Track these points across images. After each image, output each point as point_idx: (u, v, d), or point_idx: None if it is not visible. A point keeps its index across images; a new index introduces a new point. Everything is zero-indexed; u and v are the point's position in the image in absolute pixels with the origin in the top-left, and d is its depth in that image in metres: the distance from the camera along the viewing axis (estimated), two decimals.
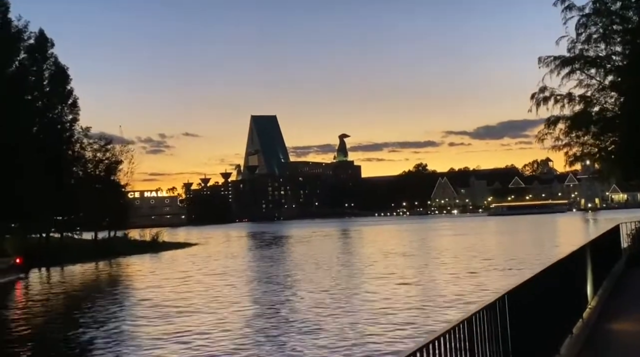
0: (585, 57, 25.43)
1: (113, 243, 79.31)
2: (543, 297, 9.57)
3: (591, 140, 26.25)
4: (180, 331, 23.25)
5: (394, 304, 26.27)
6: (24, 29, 60.27)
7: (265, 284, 37.39)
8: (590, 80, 25.66)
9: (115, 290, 39.51)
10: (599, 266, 18.30)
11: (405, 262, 48.84)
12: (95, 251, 72.29)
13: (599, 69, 25.65)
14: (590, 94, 25.57)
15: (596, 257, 17.55)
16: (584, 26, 25.22)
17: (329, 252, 62.94)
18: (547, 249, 55.61)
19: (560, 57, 25.40)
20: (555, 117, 25.80)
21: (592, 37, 25.22)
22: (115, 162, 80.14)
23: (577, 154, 26.03)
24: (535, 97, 25.79)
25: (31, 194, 55.71)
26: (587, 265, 15.21)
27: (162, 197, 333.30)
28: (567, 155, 26.08)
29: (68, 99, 68.16)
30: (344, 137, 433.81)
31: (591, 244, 16.59)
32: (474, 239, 79.29)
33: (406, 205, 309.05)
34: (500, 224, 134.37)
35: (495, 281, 32.87)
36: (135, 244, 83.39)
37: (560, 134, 25.93)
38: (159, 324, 25.05)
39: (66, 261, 63.01)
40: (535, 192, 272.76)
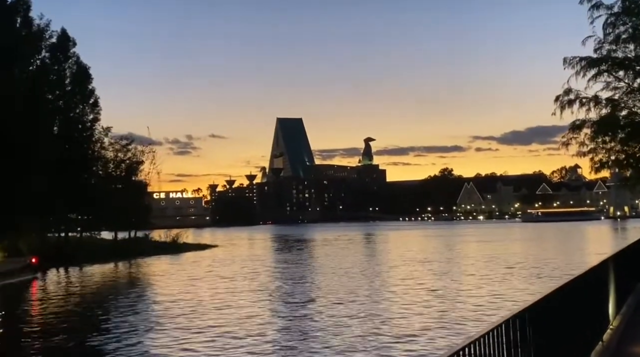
0: (613, 59, 24.04)
1: (133, 243, 79.12)
2: (559, 317, 8.62)
3: (618, 146, 24.84)
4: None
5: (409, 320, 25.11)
6: (45, 27, 60.35)
7: (280, 298, 36.27)
8: (618, 82, 24.27)
9: (130, 293, 38.74)
10: (624, 281, 17.06)
11: (428, 274, 47.57)
12: (114, 251, 72.07)
13: (627, 71, 24.25)
14: (618, 97, 24.19)
15: (620, 271, 16.32)
16: (612, 25, 23.85)
17: (352, 258, 61.71)
18: (574, 257, 54.03)
19: (586, 58, 24.03)
20: (581, 121, 24.44)
21: (621, 37, 23.84)
22: (136, 162, 80.00)
23: (602, 161, 24.60)
24: (559, 100, 24.46)
25: (48, 192, 55.63)
26: (610, 280, 14.00)
27: (187, 198, 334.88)
28: (592, 162, 24.69)
29: (89, 99, 68.11)
30: (369, 140, 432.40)
31: (615, 257, 15.37)
32: (500, 246, 77.61)
33: (431, 210, 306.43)
34: (529, 231, 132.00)
35: (513, 292, 31.65)
36: (156, 245, 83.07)
37: (585, 138, 24.58)
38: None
39: (85, 261, 62.73)
40: (563, 199, 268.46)
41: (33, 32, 58.55)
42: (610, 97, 24.01)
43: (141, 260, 68.82)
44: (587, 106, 24.29)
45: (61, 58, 64.77)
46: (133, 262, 67.00)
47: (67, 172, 60.50)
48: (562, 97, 24.52)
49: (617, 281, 15.37)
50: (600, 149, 24.57)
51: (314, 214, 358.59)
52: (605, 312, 13.10)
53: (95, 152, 70.49)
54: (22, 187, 51.18)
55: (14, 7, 56.99)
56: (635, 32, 23.80)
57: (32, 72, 59.11)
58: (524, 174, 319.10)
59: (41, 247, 58.29)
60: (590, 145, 24.44)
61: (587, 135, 24.43)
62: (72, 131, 65.42)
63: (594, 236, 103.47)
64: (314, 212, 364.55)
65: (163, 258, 70.97)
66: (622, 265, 16.84)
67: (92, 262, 63.73)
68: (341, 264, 54.49)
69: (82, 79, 67.06)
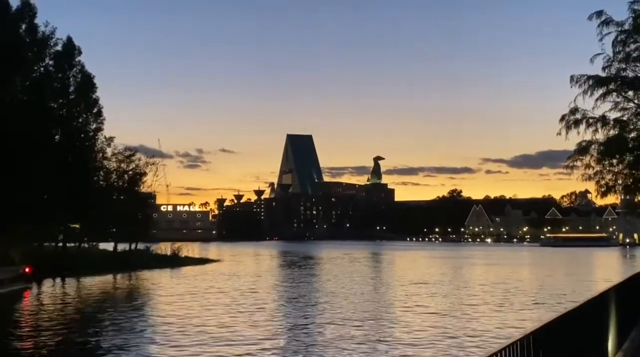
0: (623, 78, 22.92)
1: (133, 256, 78.06)
2: (552, 353, 7.62)
3: (626, 170, 23.61)
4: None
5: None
6: (50, 35, 59.67)
7: (272, 317, 35.04)
8: (627, 103, 23.08)
9: (123, 309, 37.58)
10: (627, 313, 15.85)
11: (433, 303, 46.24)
12: (114, 263, 71.02)
13: (637, 91, 23.13)
14: (627, 118, 23.01)
15: (624, 302, 15.13)
16: (622, 43, 22.75)
17: (356, 279, 60.31)
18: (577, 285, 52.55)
19: (594, 77, 22.91)
20: (587, 143, 23.24)
21: (631, 56, 22.75)
22: (139, 173, 79.15)
23: (609, 184, 23.35)
24: (565, 120, 23.31)
25: (47, 200, 54.82)
26: (611, 314, 12.84)
27: (195, 211, 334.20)
28: (598, 185, 23.40)
29: (93, 108, 67.41)
30: (378, 159, 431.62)
31: (617, 287, 14.19)
32: (507, 270, 76.09)
33: (439, 231, 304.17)
34: (541, 256, 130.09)
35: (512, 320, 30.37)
36: (156, 257, 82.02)
37: (591, 161, 23.37)
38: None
39: (83, 272, 61.73)
40: (572, 225, 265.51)
41: (38, 39, 57.97)
42: (618, 118, 22.85)
43: (140, 273, 67.84)
44: (594, 127, 23.13)
45: (66, 66, 64.17)
46: (132, 274, 65.97)
47: (67, 180, 59.68)
48: (568, 117, 23.37)
49: (619, 313, 14.21)
50: (606, 173, 23.33)
51: (321, 231, 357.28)
52: (604, 348, 11.94)
53: (97, 162, 69.64)
54: (21, 194, 50.30)
55: (20, 13, 56.46)
56: None
57: (35, 79, 58.41)
58: (533, 198, 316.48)
59: (37, 256, 57.29)
60: (597, 168, 23.22)
61: (593, 157, 23.23)
62: (74, 140, 64.57)
63: (602, 263, 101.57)
64: (321, 229, 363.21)
65: (162, 272, 69.91)
66: (625, 296, 15.65)
67: (90, 273, 62.65)
68: (342, 285, 53.20)
69: (86, 87, 66.40)
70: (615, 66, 22.94)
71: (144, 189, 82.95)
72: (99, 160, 69.63)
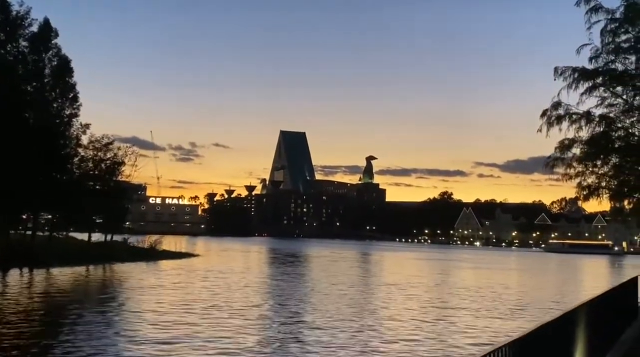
0: (611, 71, 20.85)
1: (108, 247, 75.75)
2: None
3: (611, 173, 21.55)
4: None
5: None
6: (25, 15, 57.37)
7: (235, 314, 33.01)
8: (615, 99, 21.02)
9: (88, 302, 35.64)
10: (603, 332, 13.86)
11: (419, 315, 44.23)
12: (87, 254, 68.82)
13: (626, 87, 21.06)
14: (614, 115, 20.91)
15: (599, 320, 13.16)
16: (611, 33, 20.71)
17: (341, 278, 58.23)
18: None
19: (580, 69, 20.86)
20: (570, 141, 21.19)
21: (621, 47, 20.69)
22: (117, 163, 76.73)
23: (592, 187, 21.27)
24: (547, 115, 21.22)
25: (16, 187, 52.61)
26: (579, 335, 10.85)
27: (184, 205, 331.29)
28: (579, 187, 21.33)
29: (69, 93, 65.03)
30: (371, 159, 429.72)
31: (590, 303, 12.22)
32: (495, 275, 74.24)
33: (428, 233, 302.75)
34: (529, 262, 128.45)
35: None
36: (133, 250, 79.70)
37: (573, 160, 21.27)
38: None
39: (54, 263, 59.45)
40: (561, 231, 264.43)
41: (11, 18, 55.60)
42: (604, 114, 20.75)
43: (115, 265, 65.79)
44: (578, 124, 21.04)
45: (41, 48, 61.74)
46: (105, 267, 63.79)
47: (38, 167, 57.48)
48: (550, 112, 21.29)
49: (592, 334, 12.24)
50: (589, 174, 21.23)
51: (311, 229, 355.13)
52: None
53: (71, 148, 67.19)
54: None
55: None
56: (638, 42, 20.67)
57: (7, 61, 56.08)
58: (523, 202, 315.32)
59: (3, 245, 55.02)
60: (579, 168, 21.14)
61: (575, 156, 21.16)
62: (48, 126, 62.13)
63: (589, 271, 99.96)
64: (310, 227, 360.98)
65: (138, 265, 67.72)
66: (601, 312, 13.68)
67: (62, 264, 60.43)
68: (315, 285, 51.21)
69: (62, 72, 64.02)
70: (604, 58, 20.87)
71: (125, 179, 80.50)
72: (72, 147, 67.17)
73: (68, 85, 65.01)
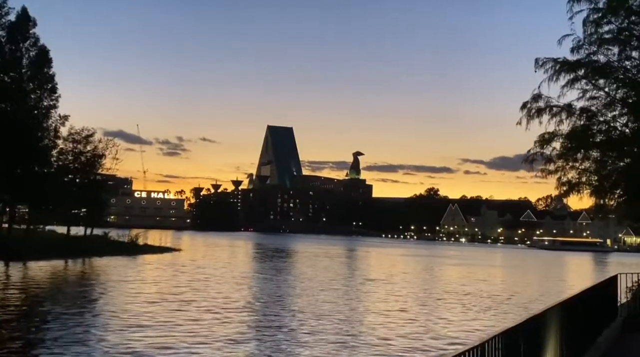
0: (593, 63, 20.18)
1: (88, 241, 74.61)
2: None
3: (593, 167, 20.87)
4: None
5: None
6: (2, 4, 56.05)
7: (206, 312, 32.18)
8: (597, 91, 20.36)
9: (62, 297, 34.86)
10: (579, 334, 13.18)
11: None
12: (66, 248, 67.80)
13: (608, 79, 20.40)
14: (596, 108, 20.24)
15: (575, 321, 12.47)
16: (594, 24, 20.04)
17: (323, 275, 57.54)
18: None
19: (561, 61, 20.17)
20: (550, 134, 20.50)
21: (604, 37, 20.01)
22: (97, 155, 75.37)
23: (572, 182, 20.60)
24: (527, 107, 20.52)
25: None
26: (551, 338, 10.15)
27: (169, 199, 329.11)
28: (559, 182, 20.65)
29: (47, 84, 63.70)
30: (358, 154, 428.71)
31: (565, 304, 11.52)
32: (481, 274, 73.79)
33: (414, 229, 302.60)
34: (512, 257, 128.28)
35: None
36: (114, 244, 78.59)
37: (553, 155, 20.59)
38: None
39: (31, 256, 58.44)
40: (546, 228, 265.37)
41: None
42: (585, 107, 20.07)
43: (94, 259, 64.86)
44: (559, 117, 20.37)
45: (19, 38, 60.40)
46: (85, 260, 62.91)
47: (15, 159, 56.28)
48: (530, 104, 20.59)
49: (570, 334, 11.56)
50: (569, 169, 20.55)
51: (297, 224, 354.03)
52: None
53: (49, 140, 65.84)
54: None
55: None
56: (622, 34, 20.00)
57: None
58: (509, 199, 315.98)
59: None
60: (558, 163, 20.44)
61: (555, 150, 20.47)
62: (26, 117, 60.83)
63: (572, 268, 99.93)
64: (297, 222, 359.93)
65: (117, 259, 66.75)
66: (579, 312, 13.00)
67: (40, 258, 59.46)
68: (290, 283, 50.44)
69: (41, 62, 62.70)
70: (586, 49, 20.19)
71: (106, 172, 79.22)
72: (50, 139, 65.81)
73: (46, 76, 63.69)
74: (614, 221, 26.42)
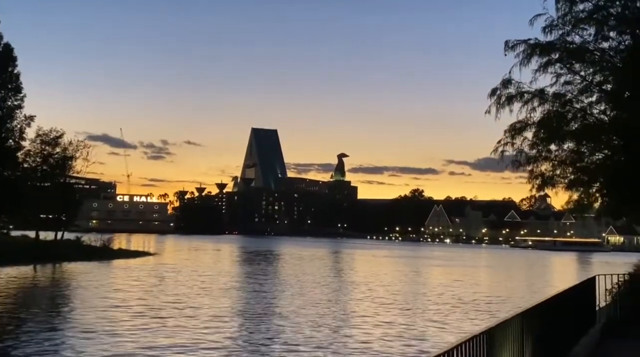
0: (567, 44, 18.46)
1: (57, 246, 72.21)
2: None
3: (568, 160, 19.12)
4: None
5: None
6: None
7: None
8: (572, 76, 18.61)
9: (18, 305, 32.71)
10: (556, 341, 11.44)
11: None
12: (35, 253, 65.58)
13: (584, 64, 18.67)
14: (571, 94, 18.46)
15: (548, 327, 10.73)
16: (568, 2, 18.33)
17: (305, 277, 55.74)
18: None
19: (533, 43, 18.44)
20: (522, 123, 18.74)
21: (579, 17, 18.29)
22: (66, 157, 72.89)
23: (546, 175, 18.81)
24: (496, 94, 18.75)
25: None
26: (518, 347, 8.39)
27: (152, 203, 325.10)
28: (531, 175, 18.88)
29: (11, 83, 61.32)
30: (342, 156, 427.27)
31: (537, 308, 9.78)
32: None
33: (399, 230, 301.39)
34: (494, 257, 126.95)
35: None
36: (86, 249, 76.29)
37: (525, 145, 18.82)
38: None
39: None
40: (530, 228, 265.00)
41: None
42: (559, 92, 18.30)
43: (64, 265, 62.75)
44: (531, 104, 18.61)
45: None
46: (55, 266, 61.12)
47: None
48: (500, 91, 18.82)
49: (535, 345, 9.82)
50: (542, 160, 18.77)
51: (282, 226, 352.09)
52: None
53: (14, 142, 63.26)
54: None
55: None
56: (598, 12, 18.29)
57: None
58: (493, 200, 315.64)
59: None
60: (531, 153, 18.66)
61: (527, 140, 18.69)
62: None
63: (554, 268, 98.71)
64: (282, 225, 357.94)
65: (88, 264, 64.62)
66: (550, 319, 11.24)
67: (5, 263, 57.27)
68: (261, 284, 48.54)
69: (4, 60, 60.35)
70: (559, 29, 18.46)
71: (74, 173, 76.76)
72: (15, 140, 63.19)
73: (10, 75, 61.32)
74: (597, 220, 24.71)
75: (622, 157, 18.71)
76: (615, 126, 18.05)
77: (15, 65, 62.15)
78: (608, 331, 16.37)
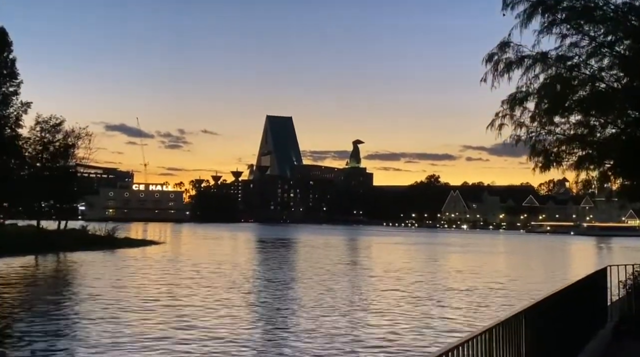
0: (575, 1, 16.04)
1: (60, 235, 70.86)
2: None
3: (578, 131, 16.72)
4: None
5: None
6: None
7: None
8: (579, 37, 16.18)
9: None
10: (558, 344, 9.28)
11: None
12: (37, 243, 64.27)
13: (594, 23, 16.20)
14: (578, 58, 16.03)
15: (554, 327, 8.60)
16: None
17: (316, 267, 53.70)
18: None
19: (535, 1, 16.06)
20: (522, 93, 16.40)
21: None
22: (67, 145, 71.27)
23: (549, 151, 16.42)
24: (492, 60, 16.39)
25: None
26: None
27: (168, 191, 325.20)
28: (533, 152, 16.53)
29: (6, 69, 59.64)
30: (357, 143, 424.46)
31: (540, 304, 7.68)
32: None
33: (415, 216, 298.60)
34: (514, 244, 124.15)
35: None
36: (90, 238, 74.88)
37: (526, 118, 16.44)
38: None
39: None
40: (549, 213, 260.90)
41: None
42: (565, 55, 15.84)
43: (69, 254, 61.37)
44: (533, 71, 16.17)
45: None
46: (58, 256, 59.84)
47: None
48: (497, 56, 16.42)
49: (538, 348, 7.76)
50: (546, 134, 16.37)
51: (298, 214, 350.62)
52: None
53: (10, 129, 61.65)
54: None
55: None
56: None
57: None
58: (511, 185, 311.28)
59: None
60: (532, 126, 16.27)
61: (528, 111, 16.29)
62: None
63: (572, 254, 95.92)
64: (297, 212, 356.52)
65: (92, 254, 63.10)
66: (555, 316, 9.08)
67: (6, 254, 55.95)
68: (266, 272, 46.58)
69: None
70: None
71: (76, 162, 75.16)
72: (10, 128, 61.54)
73: (5, 61, 59.64)
74: (607, 201, 22.37)
75: (638, 132, 16.33)
76: (630, 95, 15.64)
77: (10, 51, 60.58)
78: (621, 330, 14.09)
